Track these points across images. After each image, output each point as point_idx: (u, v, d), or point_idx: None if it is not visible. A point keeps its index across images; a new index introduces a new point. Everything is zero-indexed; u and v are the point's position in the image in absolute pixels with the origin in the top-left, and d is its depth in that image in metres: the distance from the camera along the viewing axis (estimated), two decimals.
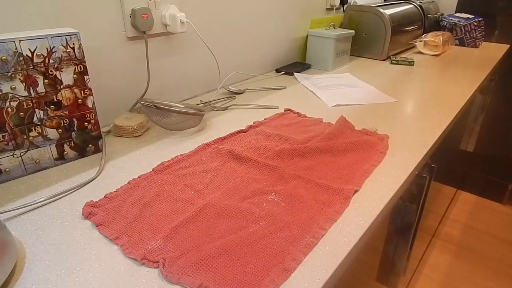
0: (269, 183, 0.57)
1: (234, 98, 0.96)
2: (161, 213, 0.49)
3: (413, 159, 0.65)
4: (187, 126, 0.74)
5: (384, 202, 0.53)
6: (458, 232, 1.79)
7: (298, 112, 0.85)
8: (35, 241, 0.45)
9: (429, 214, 1.37)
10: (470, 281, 1.51)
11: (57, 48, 0.56)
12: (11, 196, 0.54)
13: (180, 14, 0.82)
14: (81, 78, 0.60)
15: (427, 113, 0.86)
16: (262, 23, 1.13)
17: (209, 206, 0.50)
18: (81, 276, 0.40)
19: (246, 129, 0.76)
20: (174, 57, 0.90)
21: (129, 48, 0.79)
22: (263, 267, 0.41)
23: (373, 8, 1.36)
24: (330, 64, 1.25)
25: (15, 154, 0.57)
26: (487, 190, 2.04)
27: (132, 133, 0.73)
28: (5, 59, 0.52)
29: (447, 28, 1.65)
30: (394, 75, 1.19)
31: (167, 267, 0.40)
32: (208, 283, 0.38)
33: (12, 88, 0.54)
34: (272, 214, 0.49)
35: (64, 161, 0.63)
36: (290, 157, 0.64)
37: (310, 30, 1.28)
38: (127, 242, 0.44)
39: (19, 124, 0.56)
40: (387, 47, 1.37)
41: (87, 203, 0.51)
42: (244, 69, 1.12)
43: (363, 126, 0.77)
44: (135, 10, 0.75)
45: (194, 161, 0.63)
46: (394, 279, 1.00)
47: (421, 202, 0.86)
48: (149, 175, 0.58)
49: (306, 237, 0.45)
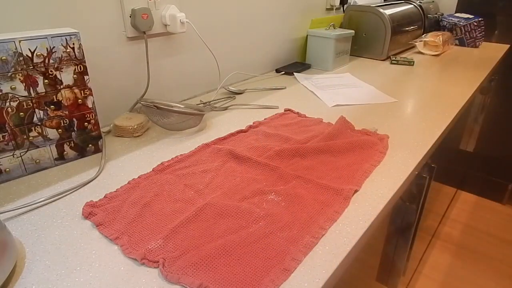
0: (269, 183, 0.57)
1: (234, 98, 0.96)
2: (161, 213, 0.49)
3: (413, 159, 0.65)
4: (187, 126, 0.74)
5: (384, 202, 0.53)
6: (458, 232, 1.79)
7: (298, 112, 0.85)
8: (35, 241, 0.45)
9: (429, 214, 1.37)
10: (470, 281, 1.51)
11: (57, 48, 0.56)
12: (11, 196, 0.54)
13: (180, 14, 0.82)
14: (81, 78, 0.60)
15: (427, 113, 0.86)
16: (262, 23, 1.13)
17: (209, 206, 0.50)
18: (81, 276, 0.40)
19: (246, 129, 0.76)
20: (174, 57, 0.90)
21: (129, 48, 0.79)
22: (263, 267, 0.41)
23: (373, 8, 1.36)
24: (330, 64, 1.25)
25: (15, 154, 0.57)
26: (487, 190, 2.04)
27: (132, 133, 0.73)
28: (5, 59, 0.52)
29: (447, 28, 1.65)
30: (394, 75, 1.19)
31: (167, 267, 0.40)
32: (208, 283, 0.38)
33: (12, 88, 0.54)
34: (272, 214, 0.49)
35: (64, 161, 0.63)
36: (290, 157, 0.64)
37: (310, 30, 1.28)
38: (127, 242, 0.44)
39: (19, 124, 0.56)
40: (387, 47, 1.37)
41: (87, 203, 0.51)
42: (244, 69, 1.12)
43: (363, 126, 0.77)
44: (135, 10, 0.75)
45: (194, 161, 0.63)
46: (394, 279, 1.00)
47: (421, 202, 0.86)
48: (149, 175, 0.58)
49: (306, 237, 0.45)
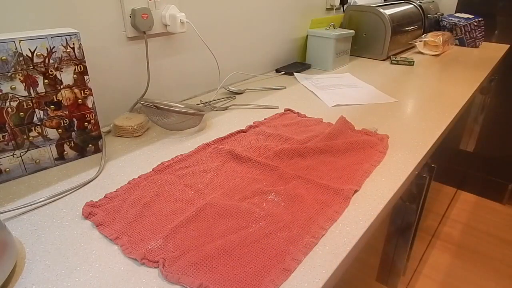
0: (269, 183, 0.57)
1: (234, 98, 0.96)
2: (161, 213, 0.49)
3: (413, 159, 0.65)
4: (187, 126, 0.74)
5: (384, 202, 0.53)
6: (458, 232, 1.79)
7: (298, 112, 0.85)
8: (35, 241, 0.45)
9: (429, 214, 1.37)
10: (470, 281, 1.51)
11: (57, 48, 0.56)
12: (11, 196, 0.54)
13: (180, 14, 0.82)
14: (81, 78, 0.60)
15: (427, 113, 0.86)
16: (262, 23, 1.13)
17: (209, 206, 0.50)
18: (81, 276, 0.40)
19: (246, 129, 0.76)
20: (174, 57, 0.90)
21: (129, 48, 0.79)
22: (263, 267, 0.41)
23: (373, 8, 1.36)
24: (330, 64, 1.25)
25: (15, 154, 0.57)
26: (487, 190, 2.04)
27: (132, 133, 0.73)
28: (5, 59, 0.52)
29: (447, 28, 1.65)
30: (394, 75, 1.19)
31: (167, 267, 0.40)
32: (208, 283, 0.38)
33: (12, 88, 0.54)
34: (272, 214, 0.49)
35: (64, 161, 0.63)
36: (290, 157, 0.64)
37: (310, 30, 1.28)
38: (127, 242, 0.44)
39: (19, 124, 0.56)
40: (387, 47, 1.37)
41: (87, 203, 0.51)
42: (244, 69, 1.12)
43: (363, 126, 0.77)
44: (135, 10, 0.75)
45: (194, 161, 0.63)
46: (394, 279, 1.00)
47: (421, 202, 0.86)
48: (149, 175, 0.58)
49: (306, 237, 0.45)
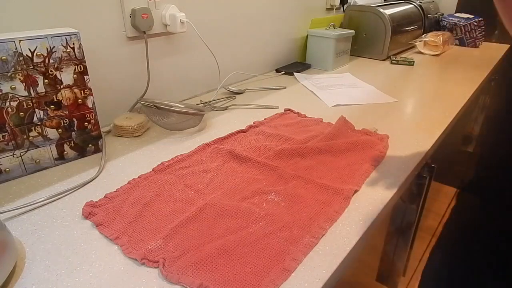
0: (269, 183, 0.57)
1: (234, 98, 0.96)
2: (161, 213, 0.49)
3: (413, 159, 0.65)
4: (187, 126, 0.74)
5: (384, 202, 0.53)
6: None
7: (298, 112, 0.85)
8: (35, 241, 0.45)
9: (429, 214, 1.37)
10: None
11: (57, 48, 0.56)
12: (11, 196, 0.54)
13: (180, 14, 0.82)
14: (81, 78, 0.60)
15: (427, 113, 0.86)
16: (262, 23, 1.13)
17: (209, 206, 0.50)
18: (81, 276, 0.40)
19: (246, 129, 0.76)
20: (174, 57, 0.90)
21: (129, 48, 0.79)
22: (263, 267, 0.41)
23: (373, 8, 1.36)
24: (330, 64, 1.25)
25: (15, 154, 0.57)
26: None
27: (132, 133, 0.73)
28: (5, 59, 0.52)
29: (447, 28, 1.65)
30: (394, 75, 1.19)
31: (167, 267, 0.40)
32: (208, 283, 0.38)
33: (12, 88, 0.54)
34: (272, 214, 0.49)
35: (64, 161, 0.63)
36: (290, 157, 0.63)
37: (310, 30, 1.28)
38: (127, 242, 0.44)
39: (19, 124, 0.56)
40: (387, 47, 1.37)
41: (87, 203, 0.51)
42: (244, 69, 1.12)
43: (363, 126, 0.77)
44: (135, 10, 0.75)
45: (194, 161, 0.63)
46: (394, 279, 1.00)
47: (421, 202, 0.86)
48: (149, 175, 0.58)
49: (306, 237, 0.45)
